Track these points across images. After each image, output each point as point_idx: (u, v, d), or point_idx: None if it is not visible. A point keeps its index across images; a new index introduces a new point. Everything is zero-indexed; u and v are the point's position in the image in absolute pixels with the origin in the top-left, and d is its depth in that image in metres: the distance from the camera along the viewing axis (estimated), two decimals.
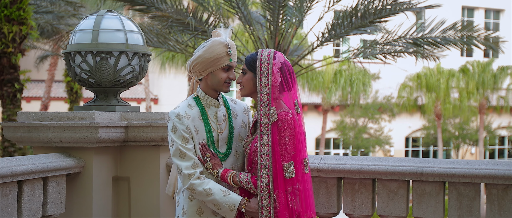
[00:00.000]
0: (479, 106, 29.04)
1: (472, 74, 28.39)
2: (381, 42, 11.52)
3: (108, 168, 4.37)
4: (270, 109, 3.44)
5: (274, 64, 3.48)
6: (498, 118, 32.99)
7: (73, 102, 22.38)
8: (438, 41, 11.24)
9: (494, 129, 32.62)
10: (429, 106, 28.53)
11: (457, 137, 31.27)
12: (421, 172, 3.87)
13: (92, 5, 18.56)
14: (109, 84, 4.56)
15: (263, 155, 3.44)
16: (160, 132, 4.26)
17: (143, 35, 4.75)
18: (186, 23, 10.10)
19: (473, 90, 28.20)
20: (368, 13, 10.43)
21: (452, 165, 3.85)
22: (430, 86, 28.00)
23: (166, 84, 29.96)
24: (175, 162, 3.56)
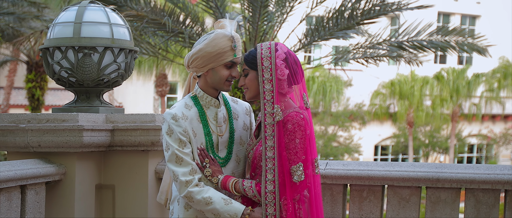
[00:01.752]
0: (452, 114, 29.26)
1: (446, 81, 28.59)
2: (365, 45, 11.36)
3: (91, 175, 4.06)
4: (275, 107, 3.18)
5: (277, 56, 3.21)
6: (469, 126, 33.32)
7: (35, 109, 21.76)
8: (424, 44, 11.12)
9: (464, 137, 32.94)
10: (401, 114, 28.62)
11: (427, 145, 31.47)
12: (437, 178, 3.66)
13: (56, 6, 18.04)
14: (92, 84, 4.25)
15: (268, 159, 3.18)
16: (150, 135, 3.97)
17: (129, 29, 4.45)
18: (162, 23, 9.78)
19: (447, 97, 28.40)
20: (355, 14, 10.24)
21: (471, 170, 3.66)
22: (403, 93, 28.09)
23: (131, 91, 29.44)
24: (170, 168, 3.27)
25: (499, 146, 33.50)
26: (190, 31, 10.40)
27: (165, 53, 11.96)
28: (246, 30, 11.12)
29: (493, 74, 30.01)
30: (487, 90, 30.51)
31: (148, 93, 28.45)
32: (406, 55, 12.23)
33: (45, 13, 17.79)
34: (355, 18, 10.49)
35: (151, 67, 23.90)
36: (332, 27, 10.75)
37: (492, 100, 30.81)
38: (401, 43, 11.48)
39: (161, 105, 25.89)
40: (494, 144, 33.67)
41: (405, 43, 11.49)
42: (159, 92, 25.16)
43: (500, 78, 30.01)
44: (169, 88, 26.09)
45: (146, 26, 9.92)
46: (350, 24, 10.62)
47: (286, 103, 3.23)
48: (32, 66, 21.21)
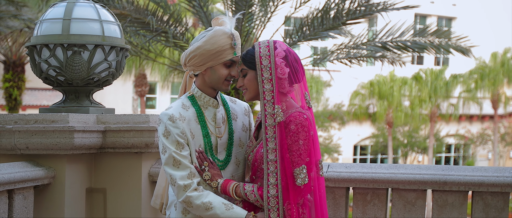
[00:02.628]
0: (430, 114, 29.36)
1: (425, 82, 28.68)
2: (349, 46, 11.24)
3: (81, 179, 3.84)
4: (275, 108, 3.00)
5: (277, 54, 3.04)
6: (446, 126, 33.50)
7: (12, 109, 21.31)
8: (408, 45, 11.02)
9: (442, 137, 33.11)
10: (380, 114, 28.64)
11: (406, 145, 31.55)
12: (444, 180, 3.51)
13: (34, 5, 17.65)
14: (81, 83, 4.03)
15: (270, 162, 3.00)
16: (144, 137, 3.76)
17: (120, 26, 4.24)
18: (146, 22, 9.54)
19: (426, 98, 28.48)
20: (340, 14, 10.10)
21: (479, 172, 3.51)
22: (382, 93, 28.11)
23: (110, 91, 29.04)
24: (168, 172, 3.07)
25: (476, 146, 33.75)
26: (174, 30, 10.19)
27: (147, 52, 11.72)
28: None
29: (470, 75, 30.18)
30: (464, 91, 30.68)
31: (127, 93, 28.09)
32: (390, 56, 12.15)
33: (24, 12, 17.40)
34: (340, 18, 10.36)
35: (131, 67, 23.55)
36: (317, 27, 10.61)
37: (469, 101, 30.99)
38: (385, 44, 11.38)
39: (141, 106, 25.56)
40: (471, 144, 33.90)
41: (389, 43, 11.40)
42: (139, 92, 24.83)
43: (477, 79, 30.20)
44: (148, 88, 25.77)
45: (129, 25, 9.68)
46: (336, 24, 10.50)
47: (287, 103, 3.06)
48: (10, 66, 20.77)
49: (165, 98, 29.91)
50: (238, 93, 10.27)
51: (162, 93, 28.88)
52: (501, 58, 30.97)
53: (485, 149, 33.98)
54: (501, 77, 30.60)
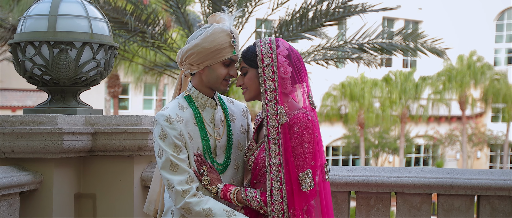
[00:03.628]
0: (401, 115, 29.52)
1: (394, 84, 28.80)
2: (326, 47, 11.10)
3: (70, 184, 3.58)
4: (278, 108, 2.80)
5: (279, 52, 2.84)
6: (416, 127, 33.73)
7: None
8: (384, 46, 10.93)
9: (412, 137, 33.33)
10: (352, 115, 28.67)
11: (377, 146, 31.67)
12: (451, 184, 3.35)
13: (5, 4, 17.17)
14: (68, 82, 3.77)
15: (273, 166, 2.79)
16: (137, 139, 3.52)
17: (108, 23, 4.00)
18: (124, 22, 9.26)
19: (396, 99, 28.61)
20: (319, 15, 9.95)
21: (486, 176, 3.37)
22: (354, 95, 28.16)
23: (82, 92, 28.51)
24: (165, 176, 2.85)
25: (445, 147, 34.05)
26: (152, 30, 9.93)
27: (123, 53, 11.42)
28: None
29: (438, 77, 30.44)
30: (433, 93, 30.93)
31: (99, 94, 27.60)
32: (366, 57, 12.07)
33: None
34: (319, 19, 10.22)
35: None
36: (295, 28, 10.45)
37: (438, 102, 31.25)
38: (362, 45, 11.28)
39: (113, 107, 25.11)
40: (440, 145, 34.20)
41: (366, 45, 11.30)
42: (112, 93, 24.38)
43: (445, 81, 30.46)
44: (121, 89, 25.34)
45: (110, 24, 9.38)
46: (314, 25, 10.35)
47: (289, 104, 2.87)
48: None
49: (138, 99, 29.48)
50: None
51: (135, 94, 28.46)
52: (467, 60, 31.31)
53: (454, 149, 34.30)
54: (468, 79, 30.94)
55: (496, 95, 32.03)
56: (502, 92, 31.87)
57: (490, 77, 32.24)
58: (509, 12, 39.87)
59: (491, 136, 34.20)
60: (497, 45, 40.03)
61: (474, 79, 31.54)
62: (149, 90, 29.66)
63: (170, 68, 11.95)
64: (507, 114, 32.68)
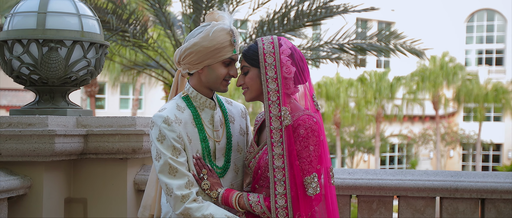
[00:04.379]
0: (376, 115, 29.61)
1: (369, 84, 28.88)
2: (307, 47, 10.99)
3: (60, 188, 3.39)
4: (282, 109, 2.66)
5: (282, 51, 2.70)
6: (390, 127, 33.89)
7: None
8: (364, 47, 10.86)
9: (387, 136, 33.48)
10: (328, 115, 28.66)
11: (352, 145, 31.72)
12: (455, 187, 3.24)
13: None
14: (57, 82, 3.58)
15: (277, 169, 2.65)
16: (131, 141, 3.34)
17: (99, 21, 3.81)
18: (106, 21, 9.02)
19: (371, 99, 28.69)
20: (301, 15, 9.83)
21: (491, 178, 3.26)
22: (330, 94, 28.15)
23: None
24: (163, 180, 2.69)
25: (419, 146, 34.26)
26: (134, 29, 9.72)
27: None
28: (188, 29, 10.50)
29: (411, 77, 30.61)
30: (407, 93, 31.10)
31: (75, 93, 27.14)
32: (345, 57, 11.99)
33: None
34: (301, 19, 10.10)
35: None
36: (278, 28, 10.32)
37: (412, 102, 31.44)
38: (342, 45, 11.20)
39: (90, 106, 24.70)
40: (414, 144, 34.40)
41: (346, 45, 11.22)
42: (88, 92, 23.98)
43: (418, 81, 30.65)
44: (98, 89, 24.95)
45: None
46: (296, 25, 10.23)
47: (292, 105, 2.73)
48: None
49: (115, 99, 29.09)
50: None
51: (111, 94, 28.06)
52: (440, 61, 31.55)
53: (427, 148, 34.54)
54: (440, 79, 31.17)
55: (468, 95, 32.36)
56: (474, 92, 32.21)
57: (462, 78, 32.55)
58: (478, 14, 40.35)
59: (463, 135, 34.52)
60: (467, 46, 40.48)
61: (447, 80, 31.80)
62: (126, 90, 29.28)
63: (150, 67, 11.73)
64: (479, 114, 33.02)
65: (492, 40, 40.37)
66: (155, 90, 26.59)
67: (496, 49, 40.27)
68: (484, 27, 40.50)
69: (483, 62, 40.19)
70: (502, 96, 32.92)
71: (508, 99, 33.26)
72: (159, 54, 10.72)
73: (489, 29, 40.42)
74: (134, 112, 25.09)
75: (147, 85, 25.19)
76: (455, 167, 35.46)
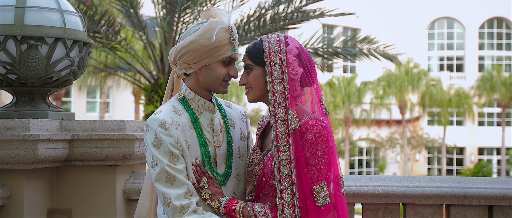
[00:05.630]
0: (345, 119, 29.66)
1: (338, 88, 28.91)
2: None
3: (42, 198, 3.08)
4: (289, 113, 2.44)
5: (288, 51, 2.49)
6: (358, 131, 34.00)
7: None
8: (339, 51, 10.73)
9: (355, 140, 33.59)
10: None
11: None
12: (464, 194, 3.06)
13: None
14: (37, 82, 3.28)
15: (284, 177, 2.42)
16: (121, 147, 3.06)
17: (82, 17, 3.52)
18: None
19: (339, 103, 28.71)
20: (277, 18, 9.63)
21: (499, 184, 3.09)
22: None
23: None
24: (160, 190, 2.44)
25: (386, 150, 34.45)
26: (106, 30, 9.38)
27: None
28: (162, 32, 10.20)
29: (378, 82, 30.78)
30: (375, 97, 31.26)
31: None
32: (319, 62, 11.85)
33: None
34: (277, 22, 9.91)
35: None
36: (254, 31, 10.10)
37: (379, 106, 31.60)
38: (317, 50, 11.05)
39: None
40: (381, 148, 34.59)
41: (320, 49, 11.07)
42: (54, 95, 23.37)
43: (385, 86, 30.83)
44: (64, 91, 24.35)
45: None
46: (272, 28, 10.03)
47: (298, 108, 2.52)
48: None
49: (82, 102, 28.41)
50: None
51: (78, 97, 27.41)
52: (405, 67, 31.82)
53: (394, 152, 34.76)
54: (406, 84, 31.43)
55: (432, 100, 32.75)
56: (438, 98, 32.61)
57: (426, 83, 32.92)
58: (439, 21, 40.96)
59: (428, 139, 34.88)
60: (429, 53, 41.01)
61: (412, 85, 32.11)
62: (93, 93, 28.66)
63: (122, 69, 11.38)
64: (443, 118, 33.42)
65: (453, 47, 40.99)
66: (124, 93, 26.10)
67: (456, 56, 40.90)
68: (444, 34, 41.13)
69: (444, 68, 40.75)
70: (464, 101, 33.41)
71: (470, 104, 33.76)
72: (132, 56, 10.40)
73: (449, 36, 41.07)
74: (101, 116, 24.56)
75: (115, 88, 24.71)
76: (421, 170, 35.80)
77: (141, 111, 26.23)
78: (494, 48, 40.49)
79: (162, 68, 10.49)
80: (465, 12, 39.66)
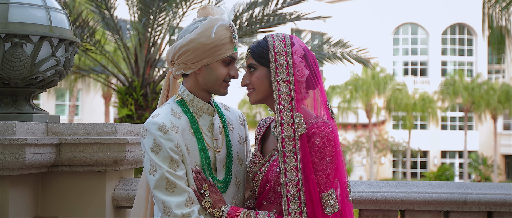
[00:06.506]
0: None
1: None
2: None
3: (27, 206, 2.88)
4: (295, 116, 2.31)
5: (295, 51, 2.37)
6: None
7: None
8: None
9: None
10: None
11: None
12: (464, 200, 2.97)
13: None
14: (21, 83, 3.07)
15: (290, 183, 2.29)
16: (112, 151, 2.88)
17: (68, 15, 3.33)
18: None
19: None
20: (254, 21, 9.50)
21: (498, 190, 3.01)
22: None
23: None
24: (159, 197, 2.28)
25: (352, 153, 34.60)
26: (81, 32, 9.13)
27: None
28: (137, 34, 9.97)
29: (346, 86, 30.91)
30: (343, 101, 31.38)
31: None
32: None
33: None
34: (254, 25, 9.78)
35: None
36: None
37: (347, 110, 31.74)
38: None
39: None
40: (348, 151, 34.73)
41: None
42: None
43: (352, 90, 30.99)
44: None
45: None
46: (248, 31, 9.90)
47: (303, 111, 2.37)
48: None
49: (50, 105, 27.78)
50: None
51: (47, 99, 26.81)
52: (371, 71, 32.04)
53: (361, 155, 34.94)
54: (372, 88, 31.64)
55: (398, 104, 33.04)
56: (403, 102, 32.91)
57: (392, 87, 33.20)
58: (403, 27, 41.44)
59: (393, 142, 35.17)
60: (394, 58, 41.44)
61: (378, 89, 32.34)
62: (62, 96, 28.07)
63: (95, 72, 11.10)
64: (408, 122, 33.74)
65: (417, 52, 41.51)
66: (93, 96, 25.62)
67: (420, 61, 41.42)
68: (409, 40, 41.61)
69: (409, 73, 41.23)
70: (428, 105, 33.79)
71: (434, 108, 34.18)
72: (107, 58, 10.14)
73: (413, 42, 41.58)
74: (70, 119, 24.07)
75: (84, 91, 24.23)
76: (386, 173, 36.07)
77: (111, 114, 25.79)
78: (456, 54, 41.14)
79: (136, 70, 10.26)
80: (429, 18, 40.23)
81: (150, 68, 10.29)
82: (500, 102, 33.23)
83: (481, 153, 36.51)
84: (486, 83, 34.15)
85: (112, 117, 26.05)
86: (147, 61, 10.16)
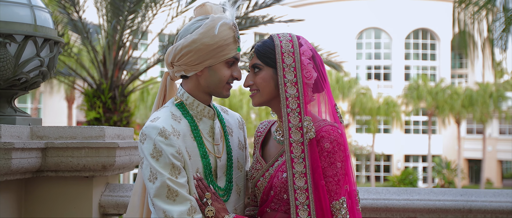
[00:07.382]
0: None
1: None
2: None
3: (10, 213, 2.69)
4: (305, 119, 2.21)
5: (302, 52, 2.27)
6: None
7: None
8: None
9: None
10: None
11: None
12: (469, 208, 2.90)
13: None
14: (4, 84, 2.90)
15: (299, 191, 2.18)
16: (101, 156, 2.71)
17: (51, 14, 3.15)
18: None
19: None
20: None
21: (503, 198, 2.96)
22: (233, 106, 27.91)
23: None
24: (160, 206, 2.15)
25: None
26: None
27: None
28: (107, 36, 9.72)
29: None
30: None
31: None
32: None
33: None
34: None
35: None
36: None
37: None
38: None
39: None
40: None
41: None
42: None
43: None
44: None
45: None
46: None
47: (311, 115, 2.26)
48: None
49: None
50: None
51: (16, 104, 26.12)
52: (335, 75, 32.25)
53: None
54: (336, 92, 31.82)
55: (362, 108, 33.29)
56: (368, 106, 33.17)
57: (356, 92, 33.45)
58: (367, 31, 41.90)
59: (357, 146, 35.40)
60: (358, 62, 41.82)
61: (342, 93, 32.53)
62: (23, 98, 27.36)
63: (61, 74, 10.80)
64: (372, 126, 34.02)
65: (380, 56, 41.98)
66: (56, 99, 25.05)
67: (383, 65, 41.90)
68: (372, 44, 42.06)
69: (372, 77, 41.65)
70: (392, 109, 34.15)
71: (398, 112, 34.57)
72: (76, 60, 9.86)
73: (377, 46, 42.04)
74: None
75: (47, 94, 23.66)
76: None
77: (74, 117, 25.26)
78: (419, 58, 41.75)
79: (104, 73, 10.02)
80: (392, 23, 40.73)
81: (119, 71, 10.07)
82: (464, 107, 33.78)
83: (445, 157, 37.06)
84: (449, 87, 34.70)
85: (75, 120, 25.52)
86: (116, 63, 9.94)
